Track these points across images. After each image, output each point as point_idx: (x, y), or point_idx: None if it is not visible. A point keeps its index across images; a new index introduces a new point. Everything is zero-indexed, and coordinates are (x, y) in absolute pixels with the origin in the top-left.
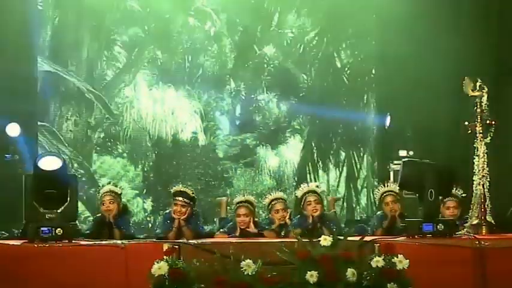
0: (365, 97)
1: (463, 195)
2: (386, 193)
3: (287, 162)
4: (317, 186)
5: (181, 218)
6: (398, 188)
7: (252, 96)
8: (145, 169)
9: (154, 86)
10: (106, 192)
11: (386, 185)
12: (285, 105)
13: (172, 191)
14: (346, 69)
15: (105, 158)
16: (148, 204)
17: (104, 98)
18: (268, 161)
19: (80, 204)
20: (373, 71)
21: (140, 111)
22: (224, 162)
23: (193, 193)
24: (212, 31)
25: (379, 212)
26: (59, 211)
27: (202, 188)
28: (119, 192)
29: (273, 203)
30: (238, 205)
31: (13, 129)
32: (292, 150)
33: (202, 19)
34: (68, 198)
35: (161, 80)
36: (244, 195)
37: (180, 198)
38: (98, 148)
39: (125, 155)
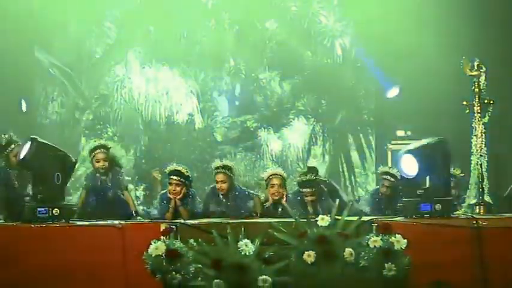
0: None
1: (461, 174)
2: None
3: (290, 146)
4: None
5: (177, 197)
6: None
7: (253, 75)
8: (137, 154)
9: (147, 64)
10: (97, 148)
11: (389, 167)
12: (288, 84)
13: (166, 170)
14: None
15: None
16: (141, 193)
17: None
18: (270, 144)
19: None
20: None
21: (132, 91)
22: (223, 147)
23: (187, 172)
24: (210, 4)
25: (373, 188)
26: None
27: (199, 176)
28: (109, 147)
29: (270, 177)
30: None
31: None
32: (296, 133)
33: None
34: None
35: (154, 57)
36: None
37: (175, 177)
38: (86, 131)
39: (115, 138)
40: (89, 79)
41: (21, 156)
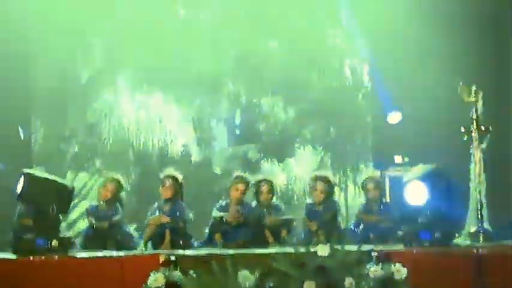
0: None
1: None
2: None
3: (296, 179)
4: None
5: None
6: None
7: (254, 100)
8: (127, 189)
9: (138, 90)
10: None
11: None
12: (294, 110)
13: (161, 176)
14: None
15: (80, 175)
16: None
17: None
18: (274, 177)
19: None
20: (367, 82)
21: (121, 119)
22: (223, 181)
23: (182, 179)
24: (206, 23)
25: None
26: None
27: (197, 213)
28: (119, 181)
29: (260, 183)
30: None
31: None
32: (302, 164)
33: (195, 9)
34: None
35: (146, 81)
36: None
37: (169, 180)
38: (72, 163)
39: (103, 171)
40: (74, 106)
41: (18, 192)
